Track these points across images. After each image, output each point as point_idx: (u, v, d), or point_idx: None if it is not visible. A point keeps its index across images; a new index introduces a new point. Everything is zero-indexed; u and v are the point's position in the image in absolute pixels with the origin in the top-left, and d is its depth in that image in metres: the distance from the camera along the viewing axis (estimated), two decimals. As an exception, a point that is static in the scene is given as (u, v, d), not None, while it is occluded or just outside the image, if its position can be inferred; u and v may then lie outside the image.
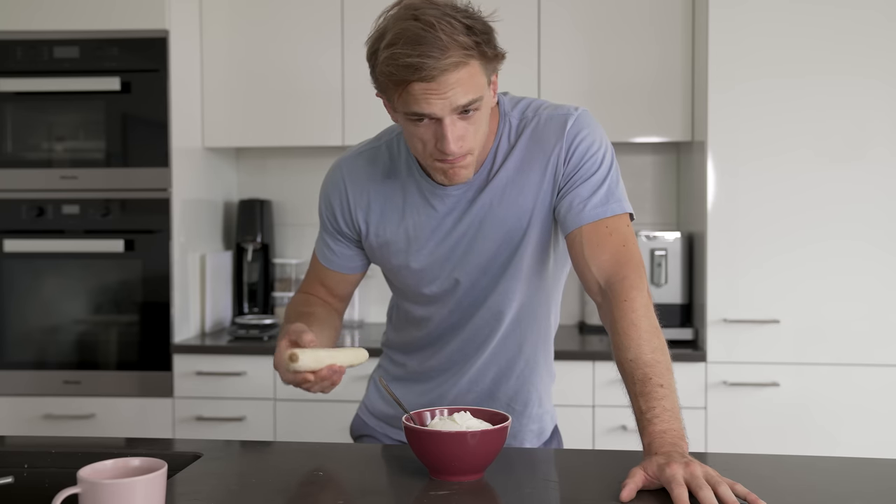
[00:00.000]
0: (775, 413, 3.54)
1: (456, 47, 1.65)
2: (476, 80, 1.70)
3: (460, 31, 1.66)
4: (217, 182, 4.34)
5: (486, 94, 1.75)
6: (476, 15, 1.71)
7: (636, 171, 4.31)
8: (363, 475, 1.70)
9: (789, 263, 3.54)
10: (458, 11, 1.69)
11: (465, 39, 1.66)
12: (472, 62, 1.68)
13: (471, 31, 1.67)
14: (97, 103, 3.81)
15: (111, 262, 3.83)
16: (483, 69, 1.71)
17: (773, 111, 3.54)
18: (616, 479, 1.57)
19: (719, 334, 3.57)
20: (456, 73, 1.66)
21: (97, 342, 3.85)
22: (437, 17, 1.66)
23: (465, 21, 1.67)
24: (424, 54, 1.63)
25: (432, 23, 1.64)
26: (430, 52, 1.63)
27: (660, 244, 3.80)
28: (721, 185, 3.57)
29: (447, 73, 1.65)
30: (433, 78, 1.65)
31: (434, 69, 1.64)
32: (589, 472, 1.68)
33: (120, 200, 3.82)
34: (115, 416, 3.81)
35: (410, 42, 1.64)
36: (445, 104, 1.68)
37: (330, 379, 1.73)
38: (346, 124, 4.02)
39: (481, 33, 1.69)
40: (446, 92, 1.67)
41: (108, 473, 1.38)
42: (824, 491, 1.58)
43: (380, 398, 2.19)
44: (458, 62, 1.66)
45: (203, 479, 1.64)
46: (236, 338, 3.93)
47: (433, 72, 1.65)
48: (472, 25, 1.68)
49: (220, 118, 4.13)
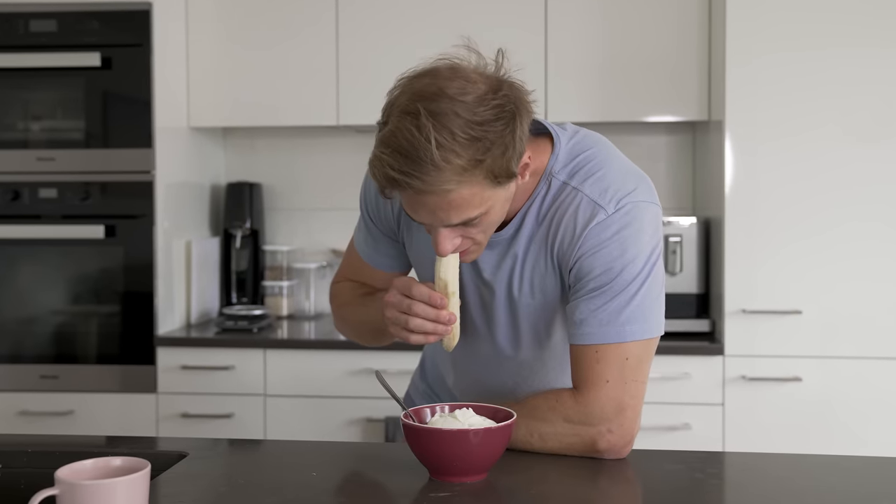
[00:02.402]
0: (797, 410, 3.54)
1: (450, 171, 1.52)
2: (479, 198, 1.59)
3: (462, 145, 1.51)
4: (203, 164, 4.33)
5: (499, 201, 1.64)
6: (499, 106, 1.55)
7: (649, 153, 4.31)
8: (359, 476, 1.70)
9: (812, 250, 3.53)
10: (475, 107, 1.53)
11: (465, 157, 1.52)
12: (473, 182, 1.56)
13: (476, 145, 1.53)
14: (76, 80, 3.80)
15: (91, 249, 3.83)
16: (491, 183, 1.59)
17: (794, 87, 3.53)
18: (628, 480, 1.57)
19: (737, 326, 3.56)
20: (447, 197, 1.56)
21: (76, 334, 3.86)
22: (440, 117, 1.51)
23: (471, 131, 1.52)
24: (410, 173, 1.52)
25: (429, 131, 1.50)
26: (415, 172, 1.52)
27: (674, 230, 3.80)
28: (739, 167, 3.56)
29: (437, 196, 1.55)
30: (420, 195, 1.56)
31: (419, 191, 1.54)
32: (599, 473, 1.69)
33: (100, 183, 3.82)
34: (95, 413, 3.81)
35: (398, 151, 1.52)
36: (431, 219, 1.62)
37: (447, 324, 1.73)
38: (341, 102, 4.01)
39: (492, 145, 1.54)
40: (435, 211, 1.59)
41: (87, 474, 1.38)
42: (849, 492, 1.58)
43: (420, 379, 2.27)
44: (450, 189, 1.54)
45: (189, 480, 1.64)
46: (224, 330, 3.93)
47: (416, 192, 1.55)
48: (481, 136, 1.52)
49: (206, 96, 4.12)
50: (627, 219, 1.72)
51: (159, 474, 1.66)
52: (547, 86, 3.89)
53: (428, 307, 1.71)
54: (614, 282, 1.71)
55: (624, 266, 1.71)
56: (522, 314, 1.87)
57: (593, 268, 1.72)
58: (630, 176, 1.78)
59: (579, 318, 1.73)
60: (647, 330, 1.73)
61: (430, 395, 2.22)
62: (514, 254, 1.82)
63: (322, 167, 4.46)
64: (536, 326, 1.89)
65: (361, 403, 3.69)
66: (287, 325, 4.19)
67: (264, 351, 3.75)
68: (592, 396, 1.71)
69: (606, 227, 1.71)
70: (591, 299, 1.72)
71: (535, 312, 1.86)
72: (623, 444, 1.72)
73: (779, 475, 1.65)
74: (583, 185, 1.75)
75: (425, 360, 2.29)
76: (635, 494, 1.65)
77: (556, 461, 1.72)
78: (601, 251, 1.71)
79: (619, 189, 1.74)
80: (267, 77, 4.07)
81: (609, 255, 1.71)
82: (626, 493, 1.53)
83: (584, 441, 1.72)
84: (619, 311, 1.71)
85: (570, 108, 3.87)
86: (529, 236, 1.81)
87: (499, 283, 1.86)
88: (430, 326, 1.71)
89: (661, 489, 1.62)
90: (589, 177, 1.76)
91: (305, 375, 3.73)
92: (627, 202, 1.72)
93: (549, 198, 1.78)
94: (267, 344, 3.76)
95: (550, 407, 1.75)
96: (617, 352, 1.71)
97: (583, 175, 1.77)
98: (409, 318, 1.72)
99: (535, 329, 1.89)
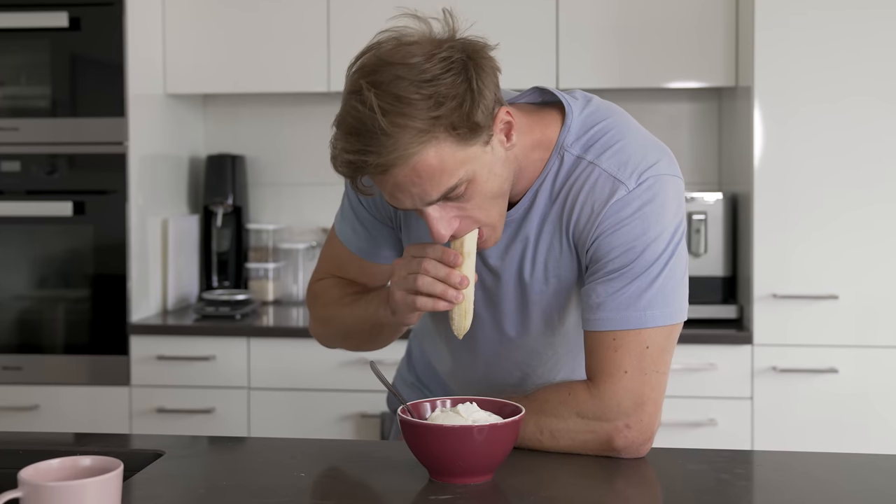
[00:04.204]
0: (833, 404, 3.54)
1: (405, 135, 1.52)
2: (450, 161, 1.58)
3: (412, 105, 1.52)
4: (181, 134, 4.33)
5: (482, 165, 1.63)
6: (445, 59, 1.55)
7: (671, 122, 4.30)
8: (351, 477, 1.70)
9: (850, 228, 3.52)
10: (420, 66, 1.54)
11: (419, 118, 1.52)
12: (437, 143, 1.55)
13: (427, 103, 1.53)
14: (41, 42, 3.79)
15: (57, 227, 3.83)
16: (456, 140, 1.57)
17: (830, 49, 3.52)
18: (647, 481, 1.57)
19: (768, 312, 3.56)
20: (411, 163, 1.55)
21: (41, 321, 3.86)
22: (382, 85, 1.53)
23: (419, 90, 1.52)
24: (364, 150, 1.53)
25: (371, 101, 1.51)
26: (369, 147, 1.53)
27: (698, 207, 3.79)
28: (769, 137, 3.55)
29: (400, 168, 1.55)
30: (385, 172, 1.56)
31: (379, 166, 1.54)
32: (615, 474, 1.69)
33: (68, 156, 3.81)
34: (62, 408, 3.82)
35: (349, 133, 1.55)
36: (412, 200, 1.61)
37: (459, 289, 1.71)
38: (332, 67, 4.00)
39: (445, 98, 1.53)
40: (408, 187, 1.58)
41: (53, 475, 1.37)
42: (890, 494, 1.58)
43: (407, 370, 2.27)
44: (412, 153, 1.54)
45: (165, 482, 1.64)
46: (204, 316, 3.93)
47: (378, 169, 1.55)
48: (431, 93, 1.53)
49: (184, 60, 4.11)
50: (650, 194, 1.71)
51: (132, 475, 1.66)
52: (559, 50, 3.88)
53: (439, 264, 1.68)
54: (635, 263, 1.70)
55: (646, 245, 1.70)
56: (534, 300, 1.86)
57: (613, 248, 1.71)
58: (651, 148, 1.77)
59: (596, 302, 1.73)
60: (669, 315, 1.72)
61: (420, 388, 2.21)
62: (525, 236, 1.81)
63: (312, 138, 4.45)
64: (548, 312, 1.88)
65: (355, 397, 3.69)
66: (273, 311, 4.19)
67: (248, 339, 3.76)
68: (609, 389, 1.71)
69: (627, 204, 1.71)
70: (609, 281, 1.71)
71: (548, 298, 1.86)
72: (642, 442, 1.72)
73: (813, 476, 1.65)
74: (599, 158, 1.74)
75: (412, 348, 2.28)
76: (655, 497, 1.65)
77: (567, 461, 1.72)
78: (622, 229, 1.70)
79: (641, 162, 1.73)
80: (251, 39, 4.06)
81: (630, 234, 1.70)
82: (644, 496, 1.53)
83: (600, 438, 1.72)
84: (639, 294, 1.70)
85: (583, 75, 3.86)
86: (542, 216, 1.79)
87: (507, 268, 1.85)
88: (439, 288, 1.68)
89: (683, 491, 1.62)
90: (606, 150, 1.75)
91: (293, 366, 3.73)
92: (649, 176, 1.71)
93: (563, 174, 1.77)
94: (251, 332, 3.77)
95: (562, 401, 1.74)
96: (637, 339, 1.71)
97: (599, 148, 1.75)
98: (417, 277, 1.69)
99: (546, 315, 1.88)
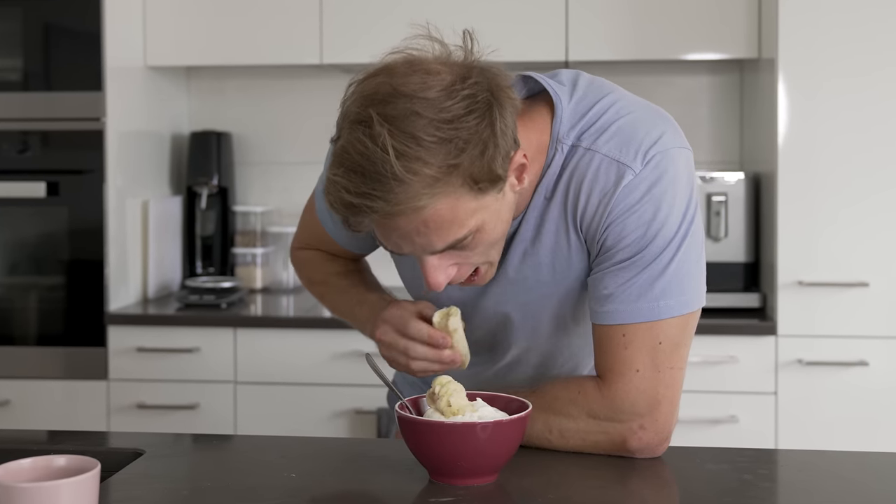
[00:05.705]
0: (862, 399, 3.54)
1: (418, 183, 1.47)
2: (462, 212, 1.55)
3: (429, 150, 1.47)
4: (163, 110, 4.33)
5: (492, 214, 1.60)
6: (469, 97, 1.51)
7: (689, 96, 4.29)
8: (344, 477, 1.70)
9: (881, 210, 3.51)
10: (440, 103, 1.49)
11: (435, 164, 1.48)
12: (450, 193, 1.51)
13: (446, 147, 1.48)
14: (12, 10, 3.79)
15: (30, 209, 3.83)
16: (472, 191, 1.54)
17: (859, 19, 3.50)
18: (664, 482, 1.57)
19: (793, 301, 3.56)
20: (420, 215, 1.52)
21: (12, 311, 3.86)
22: (397, 121, 1.47)
23: (438, 132, 1.48)
24: (370, 195, 1.48)
25: (384, 139, 1.45)
26: (376, 192, 1.47)
27: (718, 188, 3.79)
28: (795, 113, 3.55)
29: (408, 217, 1.51)
30: (389, 219, 1.52)
31: (386, 214, 1.50)
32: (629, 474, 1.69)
33: (41, 133, 3.81)
34: (36, 404, 3.83)
35: (353, 170, 1.49)
36: (413, 248, 1.59)
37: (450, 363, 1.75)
38: (325, 38, 3.99)
39: (466, 144, 1.49)
40: (412, 237, 1.56)
41: (26, 475, 1.38)
42: (924, 497, 1.58)
43: None
44: (422, 206, 1.50)
45: (145, 483, 1.65)
46: (187, 305, 3.94)
47: (387, 218, 1.52)
48: (451, 136, 1.48)
49: (166, 30, 4.10)
50: (658, 172, 1.69)
51: (110, 476, 1.66)
52: (568, 19, 3.87)
53: (428, 349, 1.73)
54: (647, 249, 1.69)
55: (658, 229, 1.68)
56: (544, 306, 1.86)
57: (624, 235, 1.69)
58: (652, 119, 1.76)
59: (604, 294, 1.72)
60: (684, 303, 1.71)
61: (422, 388, 2.20)
62: (522, 239, 1.80)
63: (302, 114, 4.45)
64: (560, 314, 1.88)
65: (349, 392, 3.70)
66: (261, 299, 4.19)
67: (234, 330, 3.76)
68: (620, 389, 1.71)
69: (636, 188, 1.69)
70: (619, 271, 1.70)
71: (559, 301, 1.85)
72: (658, 442, 1.72)
73: (842, 476, 1.65)
74: (596, 143, 1.72)
75: None
76: (672, 499, 1.65)
77: (578, 460, 1.72)
78: (633, 216, 1.69)
79: (644, 139, 1.71)
80: (238, 7, 4.05)
81: (642, 219, 1.68)
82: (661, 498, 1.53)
83: (613, 439, 1.72)
84: (651, 283, 1.69)
85: (595, 46, 3.86)
86: (539, 215, 1.78)
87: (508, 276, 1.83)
88: (435, 367, 1.74)
89: (702, 493, 1.62)
90: (602, 132, 1.72)
91: (283, 359, 3.73)
92: (656, 153, 1.70)
93: (559, 168, 1.75)
94: (237, 322, 3.77)
95: (572, 399, 1.74)
96: (648, 334, 1.70)
97: (594, 133, 1.73)
98: (409, 361, 1.75)
99: (558, 318, 1.88)
